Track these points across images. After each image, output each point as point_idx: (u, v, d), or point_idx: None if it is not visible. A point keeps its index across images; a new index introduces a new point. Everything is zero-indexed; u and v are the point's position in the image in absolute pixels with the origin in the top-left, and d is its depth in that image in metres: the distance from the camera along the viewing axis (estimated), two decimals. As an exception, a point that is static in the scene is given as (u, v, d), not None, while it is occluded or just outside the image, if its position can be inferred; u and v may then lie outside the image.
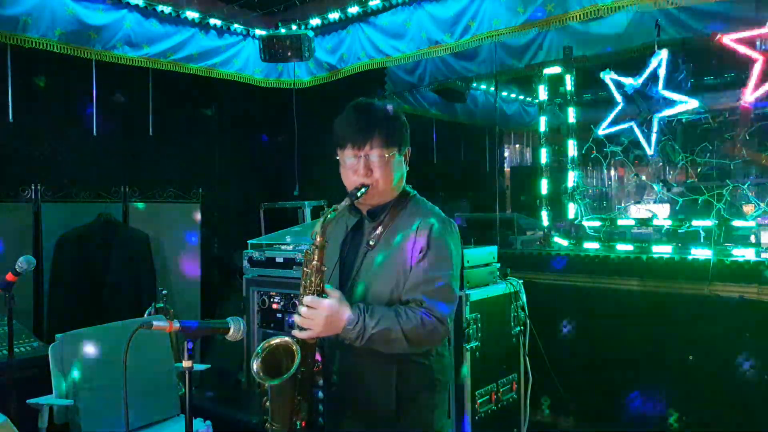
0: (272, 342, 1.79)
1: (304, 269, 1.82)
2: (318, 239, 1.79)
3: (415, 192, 2.03)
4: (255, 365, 1.76)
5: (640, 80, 4.69)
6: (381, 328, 1.74)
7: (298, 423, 1.81)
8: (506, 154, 9.35)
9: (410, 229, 1.87)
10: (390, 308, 1.81)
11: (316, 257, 1.79)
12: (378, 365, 1.83)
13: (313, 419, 1.86)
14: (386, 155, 1.86)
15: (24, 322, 4.07)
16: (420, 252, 1.84)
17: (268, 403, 1.84)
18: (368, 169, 1.86)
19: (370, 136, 1.84)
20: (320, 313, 1.74)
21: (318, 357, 1.88)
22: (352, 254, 1.94)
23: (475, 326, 3.15)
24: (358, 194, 1.83)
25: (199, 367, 3.53)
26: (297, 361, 1.73)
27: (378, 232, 1.90)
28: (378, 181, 1.86)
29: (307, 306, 1.75)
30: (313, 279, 1.79)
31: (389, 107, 1.93)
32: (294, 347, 1.76)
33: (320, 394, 1.95)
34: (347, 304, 1.77)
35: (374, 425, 1.87)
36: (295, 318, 1.78)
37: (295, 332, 1.78)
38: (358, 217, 1.98)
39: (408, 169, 1.99)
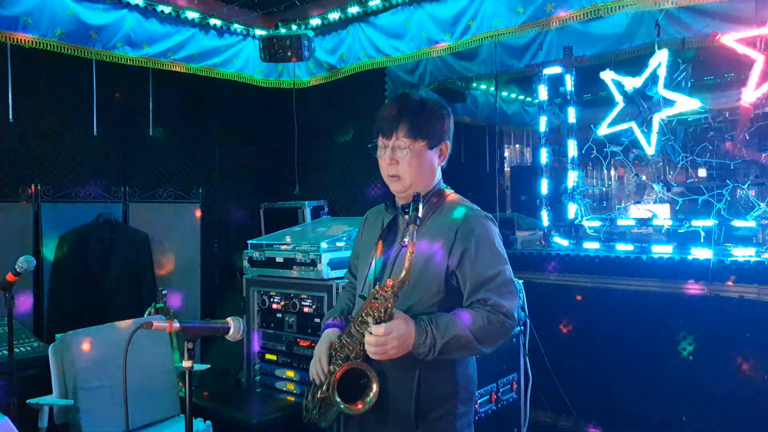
0: (346, 368, 1.78)
1: (372, 301, 1.73)
2: (398, 282, 1.68)
3: (452, 189, 1.97)
4: (338, 398, 1.77)
5: (640, 80, 4.69)
6: (450, 336, 1.70)
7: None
8: (506, 154, 9.34)
9: (448, 229, 1.82)
10: (451, 314, 1.76)
11: (391, 293, 1.69)
12: (399, 371, 1.79)
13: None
14: (411, 146, 1.82)
15: (24, 322, 4.07)
16: (466, 254, 1.79)
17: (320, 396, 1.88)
18: (394, 159, 1.84)
19: (396, 125, 1.82)
20: (392, 338, 1.68)
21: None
22: (387, 252, 1.89)
23: (475, 326, 3.15)
24: (410, 212, 1.70)
25: (199, 367, 3.53)
26: (375, 384, 1.75)
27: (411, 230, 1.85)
28: (404, 172, 1.83)
29: (377, 335, 1.69)
30: (382, 309, 1.70)
31: (426, 99, 1.89)
32: (368, 371, 1.76)
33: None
34: (412, 321, 1.72)
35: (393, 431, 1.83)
36: (367, 347, 1.72)
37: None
38: (393, 213, 1.94)
39: (445, 166, 1.94)
